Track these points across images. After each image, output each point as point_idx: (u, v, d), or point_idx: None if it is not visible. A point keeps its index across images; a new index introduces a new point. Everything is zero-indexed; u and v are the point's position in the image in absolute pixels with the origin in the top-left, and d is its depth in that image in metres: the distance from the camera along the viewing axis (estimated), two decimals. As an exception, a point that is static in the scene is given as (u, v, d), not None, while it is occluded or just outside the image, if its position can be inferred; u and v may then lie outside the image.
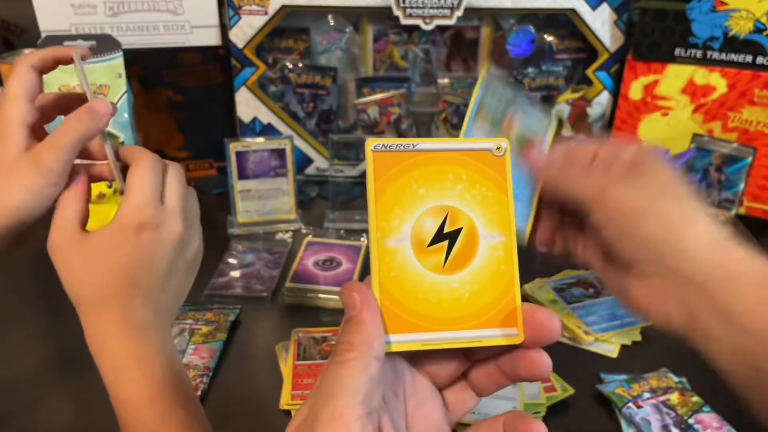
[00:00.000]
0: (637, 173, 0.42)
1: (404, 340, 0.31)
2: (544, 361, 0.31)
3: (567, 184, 0.45)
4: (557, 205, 0.49)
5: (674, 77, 0.97)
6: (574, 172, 0.45)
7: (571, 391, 0.62)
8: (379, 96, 1.05)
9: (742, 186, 0.95)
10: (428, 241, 0.32)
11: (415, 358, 0.34)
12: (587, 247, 0.48)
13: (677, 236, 0.40)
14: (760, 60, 0.92)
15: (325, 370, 0.29)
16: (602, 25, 1.00)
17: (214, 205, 1.01)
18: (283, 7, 0.97)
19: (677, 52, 0.95)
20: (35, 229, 0.46)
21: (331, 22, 1.06)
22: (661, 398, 0.61)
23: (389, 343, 0.31)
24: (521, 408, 0.58)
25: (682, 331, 0.41)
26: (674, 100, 0.98)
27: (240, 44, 0.99)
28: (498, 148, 0.33)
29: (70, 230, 0.45)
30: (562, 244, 0.50)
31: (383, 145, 0.32)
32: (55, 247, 0.45)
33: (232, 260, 0.85)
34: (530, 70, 1.06)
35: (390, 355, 0.31)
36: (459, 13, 0.96)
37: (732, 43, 0.93)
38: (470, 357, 0.34)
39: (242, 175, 0.91)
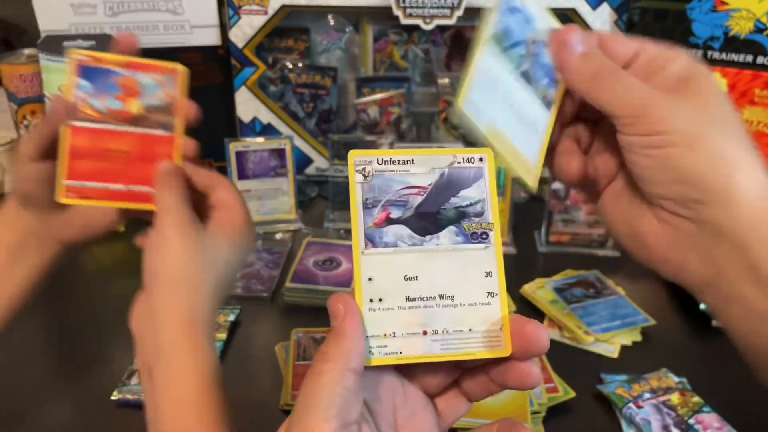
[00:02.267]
0: (689, 91, 0.34)
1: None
2: (533, 372, 0.31)
3: (600, 94, 0.35)
4: (574, 116, 0.41)
5: (674, 77, 0.97)
6: (609, 76, 0.35)
7: (572, 394, 0.62)
8: (379, 96, 1.05)
9: (742, 186, 0.95)
10: None
11: (406, 369, 0.34)
12: (600, 164, 0.39)
13: (728, 178, 0.32)
14: (760, 60, 0.92)
15: (304, 382, 0.29)
16: (602, 24, 1.00)
17: (214, 205, 1.01)
18: (283, 6, 0.97)
19: (677, 51, 0.95)
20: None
21: (331, 22, 1.06)
22: (662, 398, 0.61)
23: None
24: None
25: (698, 286, 0.35)
26: (674, 100, 0.98)
27: (240, 44, 0.99)
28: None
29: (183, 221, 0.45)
30: (581, 166, 0.40)
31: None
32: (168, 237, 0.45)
33: (232, 260, 0.85)
34: (530, 69, 1.06)
35: (375, 367, 0.31)
36: (459, 12, 0.96)
37: (732, 43, 0.93)
38: (461, 366, 0.33)
39: (242, 175, 0.91)
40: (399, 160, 0.33)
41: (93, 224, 0.51)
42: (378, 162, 0.33)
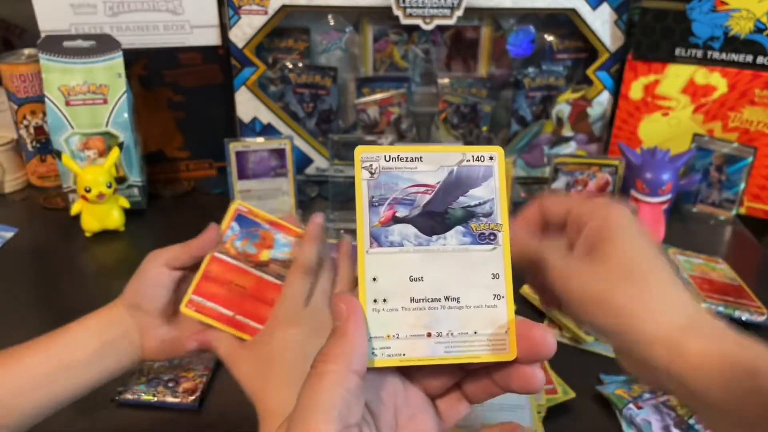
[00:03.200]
0: (600, 253, 0.38)
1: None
2: (537, 377, 0.31)
3: (527, 260, 0.41)
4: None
5: (674, 77, 0.97)
6: (536, 243, 0.41)
7: (572, 394, 0.62)
8: (379, 96, 1.05)
9: (742, 186, 0.95)
10: None
11: (408, 370, 0.33)
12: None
13: (634, 329, 0.37)
14: (760, 60, 0.92)
15: (304, 382, 0.28)
16: (602, 24, 1.00)
17: (213, 206, 1.00)
18: (283, 6, 0.97)
19: (677, 52, 0.95)
20: None
21: (331, 22, 1.05)
22: (662, 399, 0.61)
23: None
24: (533, 415, 0.57)
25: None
26: (674, 100, 0.98)
27: (240, 44, 0.99)
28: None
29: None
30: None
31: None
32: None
33: (232, 260, 0.85)
34: (530, 70, 1.06)
35: (377, 369, 0.31)
36: (459, 12, 0.96)
37: (732, 43, 0.93)
38: (464, 368, 0.33)
39: (242, 175, 0.91)
40: (407, 158, 0.32)
41: (177, 346, 0.54)
42: (385, 159, 0.32)
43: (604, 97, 1.04)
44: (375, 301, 0.31)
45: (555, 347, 0.31)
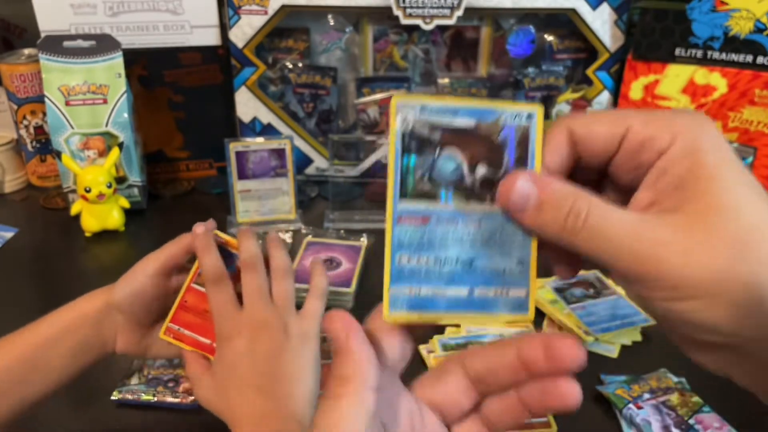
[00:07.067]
0: (703, 215, 0.24)
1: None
2: (573, 388, 0.27)
3: (581, 246, 0.27)
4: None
5: (674, 77, 0.97)
6: (584, 222, 0.26)
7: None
8: (378, 96, 1.05)
9: (742, 186, 0.95)
10: None
11: (423, 391, 0.31)
12: None
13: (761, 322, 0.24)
14: (760, 60, 0.92)
15: (321, 408, 0.27)
16: (602, 24, 1.00)
17: (213, 206, 1.01)
18: (283, 6, 0.97)
19: (677, 52, 0.95)
20: None
21: (331, 22, 1.06)
22: (661, 399, 0.61)
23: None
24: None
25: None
26: (674, 100, 0.98)
27: (240, 44, 0.99)
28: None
29: None
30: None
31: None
32: None
33: (231, 260, 0.85)
34: (530, 70, 1.06)
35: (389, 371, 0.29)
36: (459, 12, 0.96)
37: (732, 43, 0.93)
38: (483, 387, 0.30)
39: (242, 175, 0.91)
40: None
41: (148, 350, 0.55)
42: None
43: (604, 97, 1.04)
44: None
45: (583, 356, 0.26)
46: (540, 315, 0.75)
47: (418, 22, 0.97)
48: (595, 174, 0.29)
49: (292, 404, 0.47)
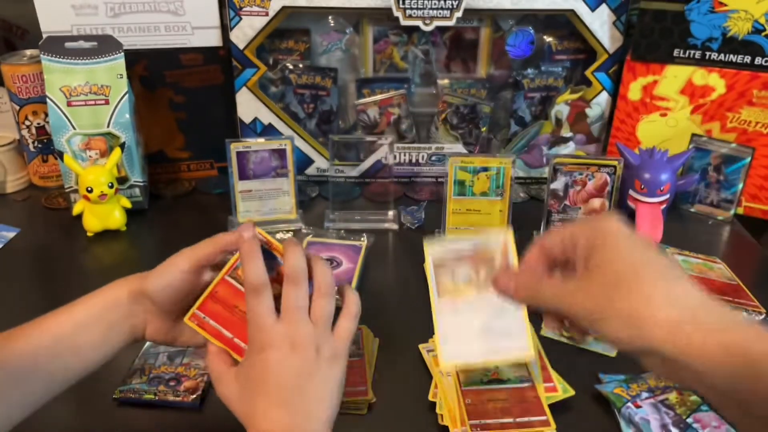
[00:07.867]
0: (593, 264, 0.41)
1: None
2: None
3: (536, 302, 0.46)
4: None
5: (673, 78, 0.97)
6: (539, 286, 0.45)
7: (571, 392, 0.63)
8: (379, 97, 1.05)
9: (740, 186, 0.96)
10: None
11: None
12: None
13: (643, 334, 0.38)
14: (758, 60, 0.93)
15: None
16: (601, 25, 1.00)
17: (214, 206, 1.01)
18: (284, 8, 0.97)
19: (676, 52, 0.96)
20: None
21: (332, 23, 1.06)
22: (660, 397, 0.61)
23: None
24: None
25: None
26: (673, 101, 0.99)
27: (241, 45, 1.00)
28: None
29: None
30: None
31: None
32: None
33: (232, 260, 0.86)
34: (529, 70, 1.06)
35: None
36: (459, 13, 0.97)
37: (730, 44, 0.93)
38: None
39: (243, 176, 0.92)
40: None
41: (176, 339, 0.56)
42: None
43: (603, 98, 1.05)
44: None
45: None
46: (539, 315, 0.75)
47: (418, 23, 0.97)
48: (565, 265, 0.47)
49: (314, 424, 0.47)
